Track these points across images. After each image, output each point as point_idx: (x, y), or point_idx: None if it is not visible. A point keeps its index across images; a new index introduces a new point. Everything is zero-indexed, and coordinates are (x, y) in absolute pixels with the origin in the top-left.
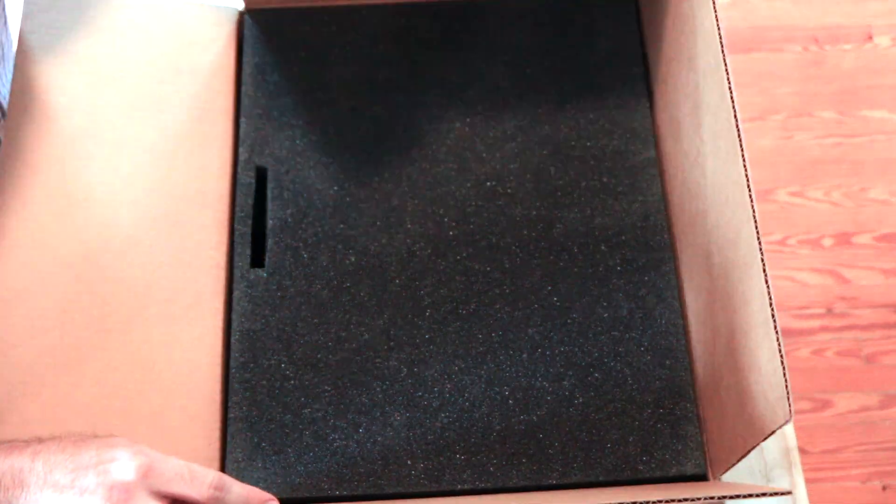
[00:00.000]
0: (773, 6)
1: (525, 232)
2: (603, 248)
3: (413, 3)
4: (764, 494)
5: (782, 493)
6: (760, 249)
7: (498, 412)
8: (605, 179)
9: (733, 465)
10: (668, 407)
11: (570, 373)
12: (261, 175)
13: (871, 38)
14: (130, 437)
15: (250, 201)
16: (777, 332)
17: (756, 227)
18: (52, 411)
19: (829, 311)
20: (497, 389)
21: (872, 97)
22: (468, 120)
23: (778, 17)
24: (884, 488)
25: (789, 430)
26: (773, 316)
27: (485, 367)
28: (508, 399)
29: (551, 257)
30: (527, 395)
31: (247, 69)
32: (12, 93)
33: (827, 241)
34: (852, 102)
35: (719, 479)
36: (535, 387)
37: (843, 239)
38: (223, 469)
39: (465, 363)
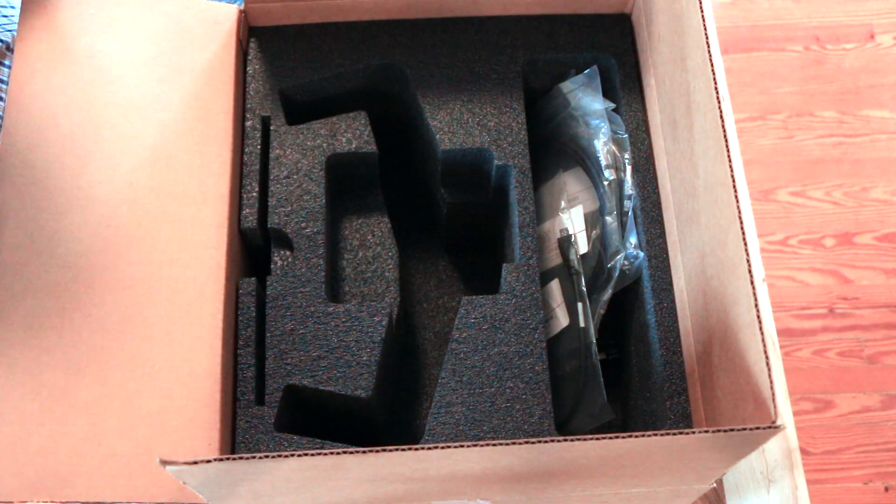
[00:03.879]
0: (775, 5)
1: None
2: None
3: (406, 18)
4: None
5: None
6: (746, 250)
7: None
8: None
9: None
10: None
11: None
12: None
13: (872, 37)
14: (131, 436)
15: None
16: (762, 334)
17: (742, 228)
18: (50, 411)
19: (831, 312)
20: None
21: (874, 97)
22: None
23: (779, 16)
24: (886, 489)
25: (790, 430)
26: (758, 317)
27: None
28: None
29: None
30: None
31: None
32: (11, 91)
33: (828, 241)
34: (853, 102)
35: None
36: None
37: (845, 239)
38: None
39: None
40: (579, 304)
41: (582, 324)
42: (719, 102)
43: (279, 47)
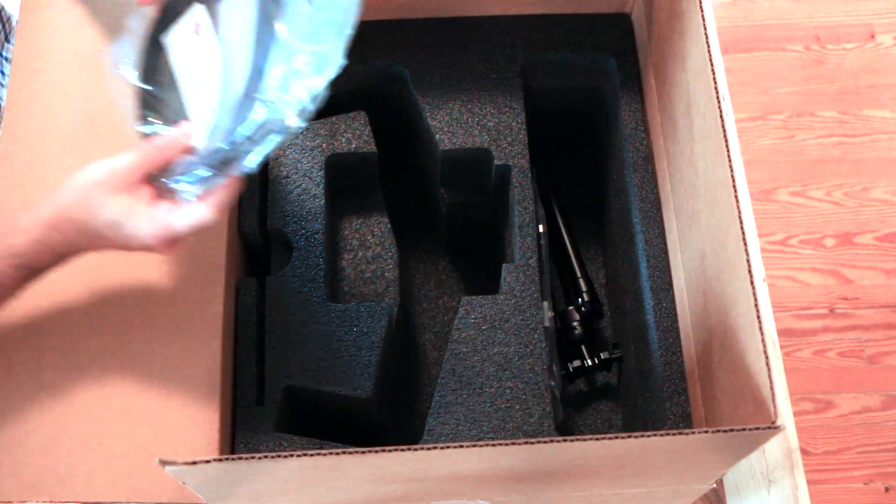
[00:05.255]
0: (775, 5)
1: None
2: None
3: (406, 18)
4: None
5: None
6: (746, 250)
7: None
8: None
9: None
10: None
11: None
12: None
13: (873, 37)
14: (131, 436)
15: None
16: (762, 334)
17: (742, 229)
18: (50, 412)
19: (832, 312)
20: None
21: (874, 96)
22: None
23: (779, 15)
24: (886, 489)
25: (791, 431)
26: (758, 317)
27: None
28: None
29: None
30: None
31: None
32: (11, 90)
33: (829, 241)
34: (854, 102)
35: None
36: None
37: (845, 239)
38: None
39: None
40: None
41: None
42: (719, 102)
43: None
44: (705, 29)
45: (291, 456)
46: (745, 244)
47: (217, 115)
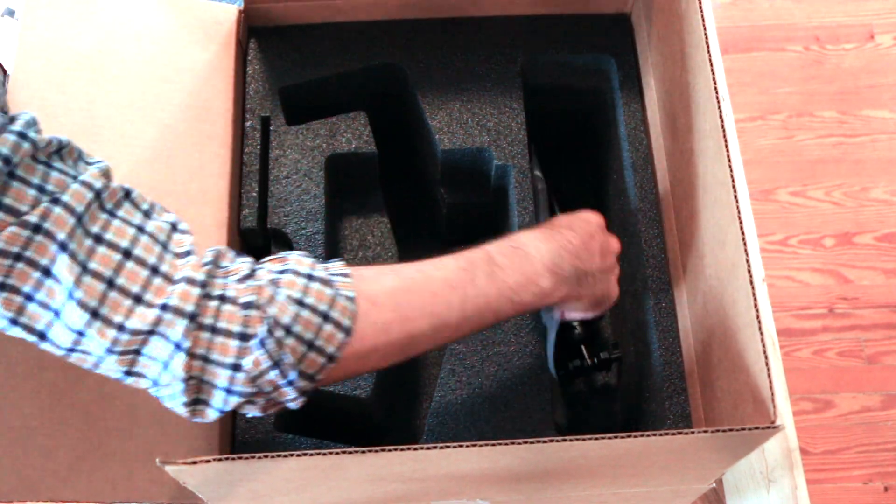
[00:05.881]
0: (775, 5)
1: None
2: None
3: (406, 18)
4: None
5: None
6: (746, 251)
7: None
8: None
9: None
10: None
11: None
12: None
13: (872, 37)
14: (131, 436)
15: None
16: (762, 334)
17: (741, 228)
18: (51, 411)
19: (831, 312)
20: None
21: (874, 97)
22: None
23: (779, 16)
24: (885, 489)
25: (790, 430)
26: (757, 317)
27: None
28: None
29: None
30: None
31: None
32: (10, 90)
33: (828, 241)
34: (853, 102)
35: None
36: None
37: (845, 239)
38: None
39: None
40: None
41: None
42: (719, 102)
43: (279, 47)
44: (705, 29)
45: (291, 456)
46: (745, 244)
47: None
